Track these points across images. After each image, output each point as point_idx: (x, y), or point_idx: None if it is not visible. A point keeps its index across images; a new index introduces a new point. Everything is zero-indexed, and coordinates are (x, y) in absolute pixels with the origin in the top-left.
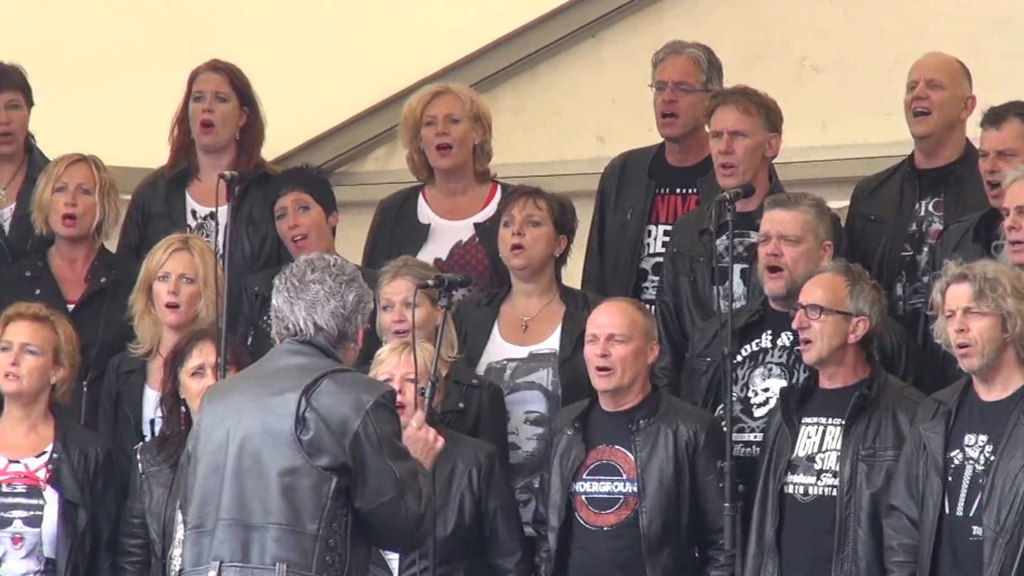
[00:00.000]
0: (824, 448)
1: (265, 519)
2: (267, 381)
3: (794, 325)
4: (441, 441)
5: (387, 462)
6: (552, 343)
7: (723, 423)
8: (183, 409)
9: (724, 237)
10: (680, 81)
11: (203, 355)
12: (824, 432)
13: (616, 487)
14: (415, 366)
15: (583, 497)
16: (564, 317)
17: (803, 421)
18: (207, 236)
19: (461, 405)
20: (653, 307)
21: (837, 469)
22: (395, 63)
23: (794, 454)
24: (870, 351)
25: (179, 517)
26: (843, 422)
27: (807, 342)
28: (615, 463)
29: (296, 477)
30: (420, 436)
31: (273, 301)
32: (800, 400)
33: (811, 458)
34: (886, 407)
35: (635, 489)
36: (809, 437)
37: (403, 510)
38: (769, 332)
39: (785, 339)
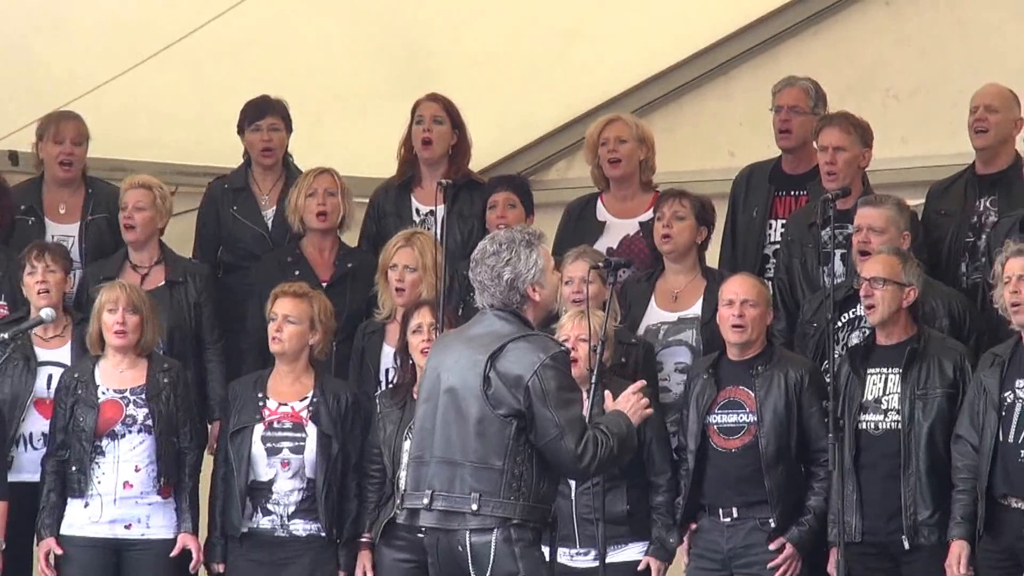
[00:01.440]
0: (887, 392)
1: (464, 458)
2: (469, 343)
3: (861, 294)
4: (650, 410)
5: (550, 410)
6: (696, 310)
7: (824, 371)
8: (410, 361)
9: (828, 228)
10: (793, 105)
11: (421, 316)
12: (886, 379)
13: (741, 418)
14: (589, 329)
15: (715, 426)
16: (705, 290)
17: (868, 372)
18: (428, 228)
19: (623, 360)
20: (771, 283)
21: (899, 407)
22: (572, 94)
23: (864, 398)
24: (916, 313)
25: (405, 446)
26: (900, 370)
27: (871, 308)
28: (740, 400)
29: (485, 424)
30: (633, 398)
31: (470, 273)
32: (864, 356)
33: (878, 400)
34: (932, 356)
35: (755, 419)
36: (875, 384)
37: (563, 449)
38: (861, 304)
39: None
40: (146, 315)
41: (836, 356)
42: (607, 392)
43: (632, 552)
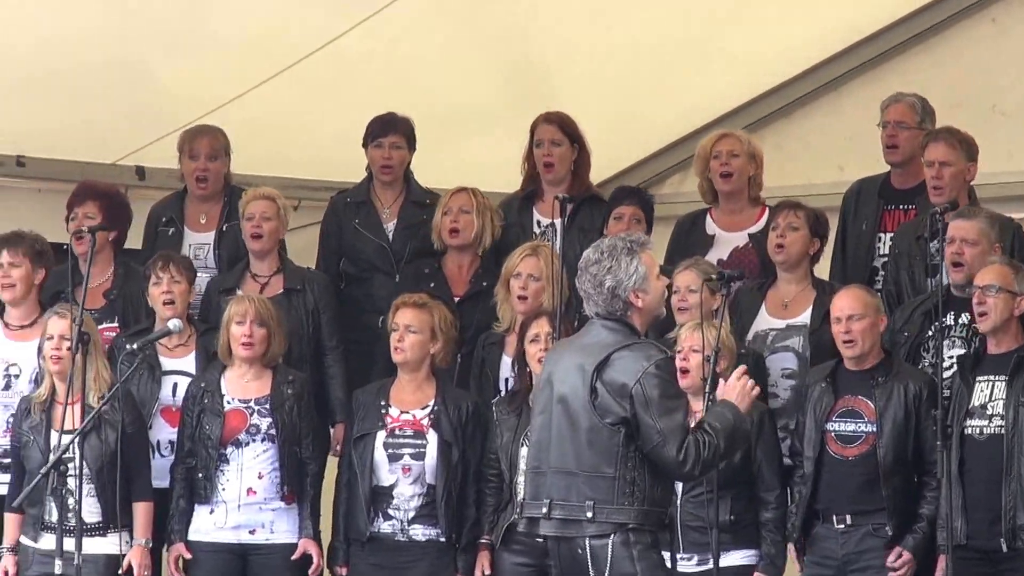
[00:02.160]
0: (993, 398)
1: (578, 467)
2: (578, 352)
3: (974, 302)
4: (757, 389)
5: (652, 417)
6: (804, 318)
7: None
8: (527, 369)
9: (935, 241)
10: (900, 121)
11: (539, 326)
12: (992, 386)
13: (859, 427)
14: (702, 340)
15: (832, 434)
16: (815, 300)
17: (976, 379)
18: (547, 240)
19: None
20: (880, 295)
21: (1004, 413)
22: (685, 110)
23: (971, 404)
24: None
25: (522, 452)
26: (1007, 378)
27: (983, 315)
28: (858, 409)
29: (594, 433)
30: (739, 384)
31: (576, 283)
32: (973, 364)
33: (984, 406)
34: None
35: (874, 429)
36: (982, 391)
37: (665, 455)
38: (952, 313)
39: (964, 318)
40: (273, 328)
41: (928, 365)
42: (720, 380)
43: (734, 558)
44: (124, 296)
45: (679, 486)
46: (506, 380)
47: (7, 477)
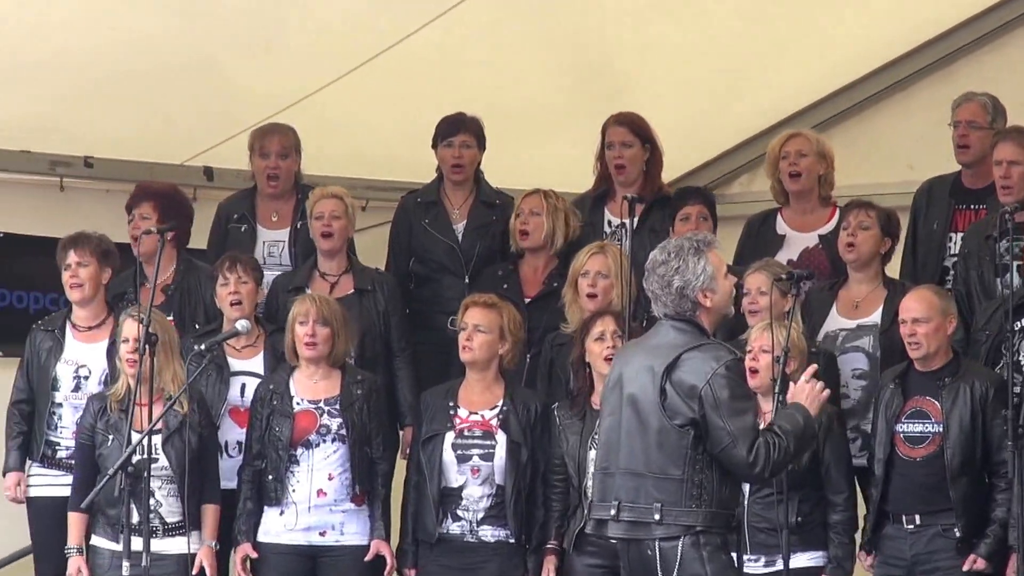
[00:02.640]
0: None
1: (647, 469)
2: (648, 354)
3: None
4: (827, 392)
5: (722, 419)
6: (875, 318)
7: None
8: (587, 370)
9: (1004, 241)
10: (971, 120)
11: (604, 324)
12: None
13: (927, 428)
14: (772, 341)
15: (901, 435)
16: (885, 299)
17: None
18: (618, 241)
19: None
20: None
21: None
22: (754, 110)
23: None
24: None
25: (590, 456)
26: None
27: None
28: (926, 410)
29: (663, 435)
30: (808, 387)
31: (644, 283)
32: None
33: None
34: None
35: (941, 430)
36: None
37: (735, 457)
38: None
39: None
40: (337, 328)
41: (1005, 364)
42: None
43: (801, 560)
44: (182, 290)
45: (746, 487)
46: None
47: (69, 479)
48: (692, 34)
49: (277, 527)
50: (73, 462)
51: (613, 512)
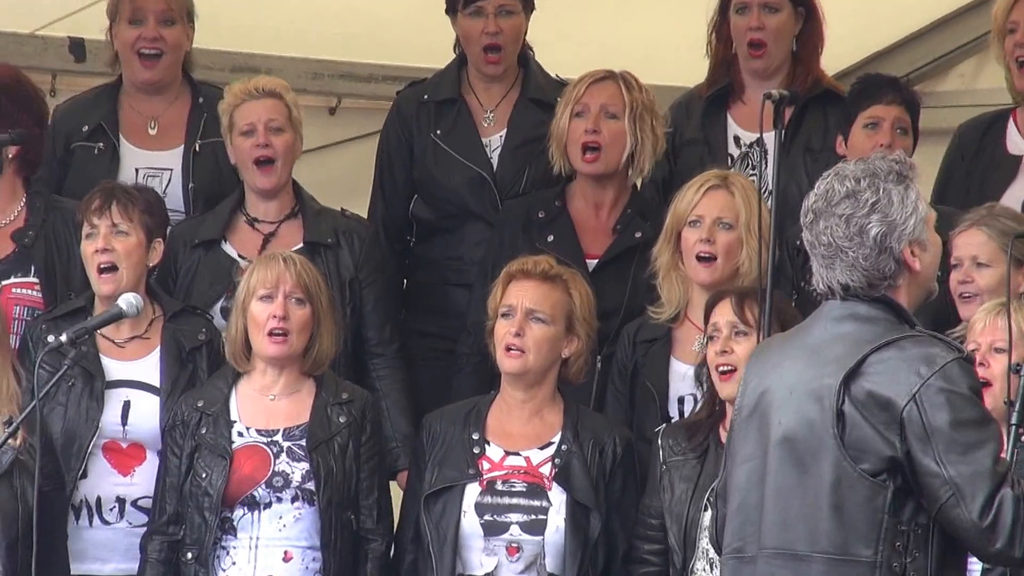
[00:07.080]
0: None
1: (812, 547)
2: (808, 358)
3: None
4: None
5: (938, 457)
6: None
7: None
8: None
9: None
10: None
11: (719, 313)
12: None
13: None
14: (1009, 334)
15: None
16: None
17: None
18: (751, 169)
19: None
20: None
21: None
22: None
23: None
24: None
25: (704, 521)
26: None
27: None
28: None
29: (843, 489)
30: None
31: (807, 236)
32: None
33: None
34: None
35: None
36: None
37: (960, 519)
38: None
39: None
40: (321, 310)
41: None
42: None
43: None
44: (47, 240)
45: (976, 565)
46: (680, 400)
47: None
48: None
49: None
50: None
51: None
